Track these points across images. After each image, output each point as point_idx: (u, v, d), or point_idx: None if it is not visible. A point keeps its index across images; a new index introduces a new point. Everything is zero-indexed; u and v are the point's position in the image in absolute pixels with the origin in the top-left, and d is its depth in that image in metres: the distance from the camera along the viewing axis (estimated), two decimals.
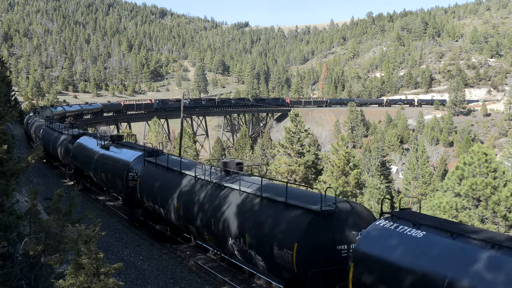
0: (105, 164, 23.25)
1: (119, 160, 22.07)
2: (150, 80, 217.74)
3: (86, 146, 27.16)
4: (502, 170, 21.15)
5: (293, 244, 10.97)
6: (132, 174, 20.56)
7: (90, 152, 25.71)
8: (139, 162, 20.68)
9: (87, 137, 28.94)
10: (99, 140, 25.64)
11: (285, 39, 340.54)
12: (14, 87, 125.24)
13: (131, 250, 18.56)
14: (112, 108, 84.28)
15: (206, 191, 15.23)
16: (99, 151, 24.70)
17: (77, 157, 27.97)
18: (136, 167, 20.60)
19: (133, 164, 20.73)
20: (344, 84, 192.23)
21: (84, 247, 8.03)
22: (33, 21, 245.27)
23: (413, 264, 8.83)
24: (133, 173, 20.55)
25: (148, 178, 19.25)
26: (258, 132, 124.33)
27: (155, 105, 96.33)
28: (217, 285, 15.11)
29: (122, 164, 21.39)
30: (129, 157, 21.34)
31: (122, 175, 20.96)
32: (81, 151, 27.57)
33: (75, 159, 28.40)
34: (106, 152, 23.92)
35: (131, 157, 21.21)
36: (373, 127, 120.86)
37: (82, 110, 71.29)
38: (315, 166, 35.40)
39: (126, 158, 21.58)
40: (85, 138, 28.70)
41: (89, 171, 25.85)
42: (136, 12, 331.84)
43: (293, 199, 12.06)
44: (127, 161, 21.13)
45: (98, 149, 25.01)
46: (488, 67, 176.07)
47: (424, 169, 61.94)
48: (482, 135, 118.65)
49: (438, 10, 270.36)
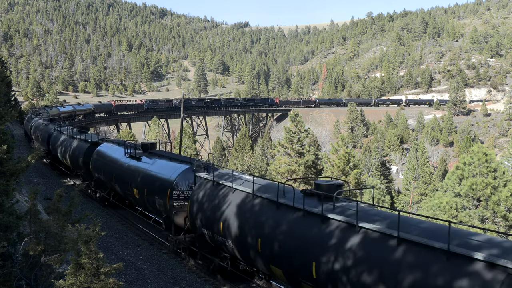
0: (139, 178, 19.83)
1: (159, 174, 18.42)
2: (150, 80, 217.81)
3: (110, 155, 23.98)
4: (502, 170, 21.15)
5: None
6: (177, 192, 16.95)
7: (117, 163, 22.49)
8: (186, 177, 17.05)
9: (109, 144, 25.75)
10: (127, 149, 22.32)
11: (285, 39, 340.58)
12: (14, 87, 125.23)
13: (131, 250, 18.57)
14: (103, 109, 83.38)
15: (302, 224, 11.41)
16: (128, 162, 21.45)
17: (98, 168, 24.85)
18: (182, 184, 17.01)
19: (178, 181, 17.03)
20: (344, 84, 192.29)
21: (84, 247, 8.02)
22: (33, 21, 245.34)
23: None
24: (178, 191, 16.94)
25: (204, 200, 15.41)
26: (258, 132, 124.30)
27: (146, 105, 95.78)
28: (217, 285, 15.10)
29: (164, 180, 17.72)
30: (172, 171, 17.74)
31: (164, 193, 17.41)
32: (103, 161, 24.50)
33: (96, 169, 25.23)
34: (138, 164, 20.50)
35: (174, 172, 17.57)
36: (373, 127, 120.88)
37: (76, 111, 70.81)
38: (315, 166, 35.39)
39: (168, 172, 17.90)
40: (107, 146, 25.59)
41: (116, 185, 22.70)
42: (136, 12, 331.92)
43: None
44: (170, 176, 17.49)
45: (126, 159, 21.80)
46: (488, 67, 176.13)
47: (424, 169, 61.94)
48: (482, 135, 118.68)
49: (438, 10, 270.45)
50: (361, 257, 9.44)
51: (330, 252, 10.22)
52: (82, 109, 73.61)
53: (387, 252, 8.96)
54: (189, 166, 17.42)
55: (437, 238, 8.44)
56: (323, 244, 10.50)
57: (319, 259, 10.45)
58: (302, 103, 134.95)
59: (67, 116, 66.04)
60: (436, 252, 8.20)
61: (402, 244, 8.78)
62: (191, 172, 17.04)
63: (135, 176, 20.13)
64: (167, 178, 17.63)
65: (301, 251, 11.11)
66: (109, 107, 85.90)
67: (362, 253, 9.46)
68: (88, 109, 76.43)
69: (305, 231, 11.18)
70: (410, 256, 8.58)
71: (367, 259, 9.31)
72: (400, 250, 8.76)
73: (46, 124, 39.47)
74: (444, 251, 8.05)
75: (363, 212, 10.43)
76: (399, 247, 8.80)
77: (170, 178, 17.39)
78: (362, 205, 11.33)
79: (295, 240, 11.36)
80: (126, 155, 21.96)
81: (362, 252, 9.48)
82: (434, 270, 8.04)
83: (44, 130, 37.69)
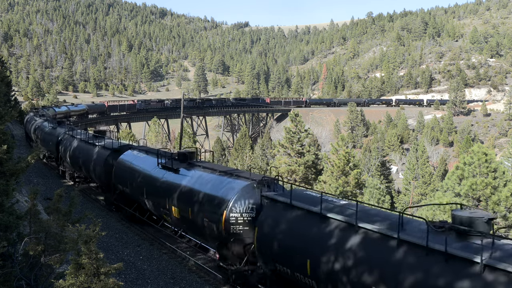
0: (179, 195, 16.85)
1: (209, 192, 15.38)
2: (150, 80, 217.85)
3: (138, 166, 21.01)
4: (502, 170, 21.15)
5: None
6: (235, 215, 14.13)
7: (147, 176, 19.56)
8: (245, 197, 14.19)
9: (135, 152, 22.52)
10: (160, 158, 19.24)
11: (285, 39, 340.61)
12: (14, 87, 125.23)
13: (131, 250, 18.56)
14: (96, 109, 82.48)
15: (447, 274, 7.92)
16: (163, 175, 18.41)
17: (123, 180, 21.83)
18: (240, 205, 14.20)
19: (236, 201, 14.20)
20: (344, 84, 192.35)
21: (84, 247, 8.02)
22: (33, 21, 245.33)
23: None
24: (236, 213, 14.14)
25: (278, 228, 12.38)
26: (258, 132, 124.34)
27: (138, 106, 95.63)
28: (217, 285, 15.10)
29: (217, 200, 14.77)
30: (227, 189, 14.75)
31: (217, 216, 14.47)
32: (129, 171, 21.47)
33: (120, 181, 22.22)
34: (177, 178, 17.47)
35: (231, 190, 14.59)
36: (373, 127, 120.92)
37: (70, 111, 70.41)
38: (315, 166, 35.39)
39: (222, 190, 14.90)
40: (132, 154, 22.47)
41: (146, 201, 19.69)
42: (136, 12, 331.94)
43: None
44: (226, 195, 14.52)
45: (160, 171, 18.82)
46: (488, 67, 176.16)
47: (424, 169, 61.92)
48: (482, 135, 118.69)
49: (438, 10, 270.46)
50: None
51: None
52: (76, 110, 72.93)
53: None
54: (248, 182, 14.37)
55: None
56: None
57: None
58: (293, 103, 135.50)
59: (62, 117, 65.77)
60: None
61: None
62: (252, 190, 14.18)
63: (173, 192, 17.16)
64: (222, 197, 14.56)
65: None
66: (102, 107, 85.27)
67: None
68: (82, 110, 75.31)
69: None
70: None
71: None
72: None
73: (53, 126, 35.70)
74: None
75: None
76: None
77: (226, 198, 14.35)
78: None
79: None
80: (159, 165, 19.00)
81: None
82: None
83: (51, 134, 34.34)
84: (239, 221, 14.19)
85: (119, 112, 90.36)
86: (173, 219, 17.62)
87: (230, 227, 14.14)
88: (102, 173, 23.76)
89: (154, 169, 19.28)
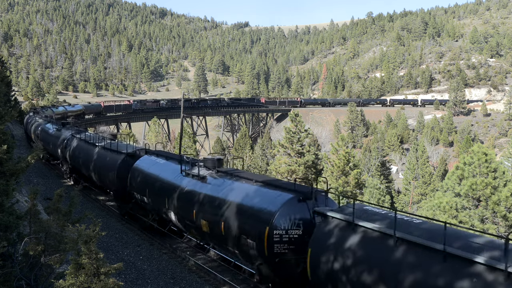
0: (208, 207, 15.12)
1: (246, 204, 13.56)
2: (150, 80, 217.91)
3: (157, 172, 19.07)
4: (502, 170, 21.15)
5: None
6: (279, 232, 12.27)
7: (169, 184, 17.69)
8: (289, 212, 12.36)
9: (153, 158, 20.56)
10: (184, 165, 17.54)
11: (285, 39, 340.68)
12: (14, 87, 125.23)
13: (131, 250, 18.56)
14: (92, 110, 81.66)
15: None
16: (188, 184, 16.59)
17: (140, 187, 19.90)
18: (285, 222, 12.31)
19: (280, 216, 12.31)
20: (344, 84, 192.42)
21: (84, 247, 8.03)
22: (33, 21, 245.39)
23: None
24: (281, 230, 12.28)
25: (338, 252, 10.54)
26: (258, 132, 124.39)
27: (133, 106, 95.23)
28: (217, 285, 15.10)
29: (257, 214, 12.96)
30: (268, 201, 12.99)
31: (257, 232, 12.69)
32: (147, 179, 19.54)
33: (136, 189, 20.31)
34: (205, 187, 15.71)
35: (272, 203, 12.79)
36: (373, 127, 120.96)
37: (67, 111, 70.09)
38: (315, 166, 35.40)
39: (261, 203, 13.15)
40: (150, 159, 20.49)
41: (168, 211, 17.84)
42: (136, 12, 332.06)
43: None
44: (267, 209, 12.72)
45: (184, 179, 16.98)
46: (488, 67, 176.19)
47: (424, 169, 61.95)
48: (482, 135, 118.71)
49: (438, 10, 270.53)
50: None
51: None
52: (73, 110, 72.33)
53: None
54: (293, 195, 12.60)
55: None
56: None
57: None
58: (288, 103, 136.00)
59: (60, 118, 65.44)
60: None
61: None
62: (298, 204, 12.44)
63: (200, 203, 15.48)
64: (263, 211, 12.75)
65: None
66: (98, 108, 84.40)
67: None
68: (79, 110, 74.51)
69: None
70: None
71: None
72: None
73: (58, 128, 33.86)
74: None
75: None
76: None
77: (268, 212, 12.53)
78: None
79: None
80: (183, 173, 17.28)
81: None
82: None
83: (55, 136, 32.47)
84: (284, 239, 12.33)
85: (115, 112, 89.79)
86: (201, 233, 15.73)
87: (274, 245, 12.32)
88: (115, 179, 21.79)
89: (177, 176, 17.42)
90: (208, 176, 16.05)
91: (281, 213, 12.27)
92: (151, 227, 20.02)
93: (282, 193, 12.97)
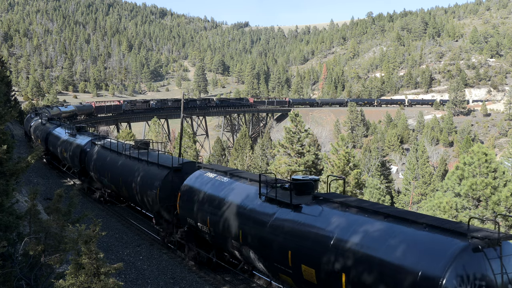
0: (313, 249, 10.53)
1: (385, 259, 8.88)
2: (150, 80, 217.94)
3: (221, 195, 14.58)
4: (502, 170, 21.15)
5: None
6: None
7: (243, 212, 13.25)
8: (467, 270, 8.08)
9: (211, 175, 15.97)
10: (262, 187, 12.95)
11: (285, 39, 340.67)
12: (14, 87, 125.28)
13: (131, 250, 18.56)
14: (84, 111, 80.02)
15: None
16: (274, 214, 12.12)
17: (195, 212, 15.60)
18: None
19: (452, 278, 7.94)
20: (344, 84, 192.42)
21: (84, 247, 8.02)
22: (33, 21, 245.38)
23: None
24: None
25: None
26: (258, 132, 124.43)
27: (123, 106, 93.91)
28: (217, 285, 15.11)
29: (410, 274, 8.37)
30: (426, 254, 8.44)
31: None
32: (205, 201, 15.19)
33: (190, 214, 15.99)
34: (303, 219, 11.30)
35: (435, 257, 8.25)
36: (373, 127, 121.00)
37: (61, 112, 69.45)
38: (315, 166, 35.39)
39: (413, 255, 8.58)
40: (207, 177, 16.02)
41: (244, 248, 13.30)
42: (136, 12, 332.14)
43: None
44: (426, 266, 8.30)
45: (265, 206, 12.59)
46: (488, 67, 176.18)
47: (424, 169, 61.96)
48: (482, 135, 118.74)
49: (438, 10, 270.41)
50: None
51: None
52: (66, 111, 70.84)
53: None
54: (465, 243, 8.23)
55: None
56: None
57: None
58: (276, 103, 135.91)
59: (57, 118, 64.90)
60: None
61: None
62: (474, 256, 8.15)
63: (298, 243, 11.02)
64: (420, 268, 8.28)
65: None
66: (90, 108, 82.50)
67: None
68: (71, 111, 72.68)
69: None
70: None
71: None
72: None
73: (72, 133, 29.75)
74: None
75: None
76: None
77: (429, 270, 8.13)
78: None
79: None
80: (262, 197, 12.86)
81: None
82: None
83: (70, 143, 28.63)
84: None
85: (106, 113, 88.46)
86: (303, 283, 11.11)
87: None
88: (158, 199, 17.91)
89: (255, 202, 13.05)
90: (303, 204, 11.57)
91: (453, 273, 7.90)
92: (209, 261, 16.44)
93: (444, 238, 8.52)
